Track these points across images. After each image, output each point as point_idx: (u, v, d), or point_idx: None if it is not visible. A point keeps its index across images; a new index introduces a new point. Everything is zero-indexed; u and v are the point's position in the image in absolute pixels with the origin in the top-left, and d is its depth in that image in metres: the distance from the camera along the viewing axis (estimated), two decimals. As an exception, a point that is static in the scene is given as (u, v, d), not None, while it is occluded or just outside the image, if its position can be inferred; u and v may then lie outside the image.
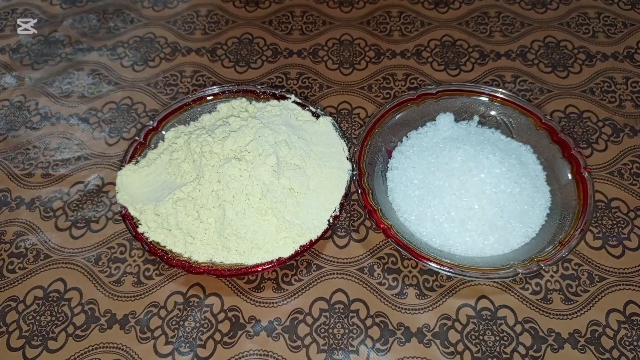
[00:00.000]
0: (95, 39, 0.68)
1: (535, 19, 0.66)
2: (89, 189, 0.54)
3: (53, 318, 0.46)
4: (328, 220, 0.45)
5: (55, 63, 0.65)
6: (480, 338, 0.44)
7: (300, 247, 0.43)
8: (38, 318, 0.46)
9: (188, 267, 0.42)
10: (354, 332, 0.44)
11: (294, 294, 0.46)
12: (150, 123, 0.52)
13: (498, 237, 0.45)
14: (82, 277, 0.48)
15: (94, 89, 0.62)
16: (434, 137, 0.52)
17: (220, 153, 0.46)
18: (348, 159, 0.49)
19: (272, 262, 0.43)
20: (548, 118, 0.50)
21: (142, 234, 0.44)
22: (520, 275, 0.41)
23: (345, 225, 0.51)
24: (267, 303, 0.46)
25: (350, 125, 0.57)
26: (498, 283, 0.46)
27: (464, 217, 0.45)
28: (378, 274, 0.47)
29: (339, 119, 0.58)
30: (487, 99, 0.52)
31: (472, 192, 0.45)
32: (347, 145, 0.50)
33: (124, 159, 0.49)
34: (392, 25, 0.67)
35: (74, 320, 0.46)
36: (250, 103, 0.53)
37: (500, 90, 0.52)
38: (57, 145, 0.57)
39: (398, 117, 0.52)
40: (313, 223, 0.45)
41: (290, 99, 0.53)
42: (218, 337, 0.44)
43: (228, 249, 0.43)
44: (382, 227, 0.44)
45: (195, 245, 0.44)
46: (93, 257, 0.49)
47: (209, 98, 0.54)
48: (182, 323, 0.45)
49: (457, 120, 0.53)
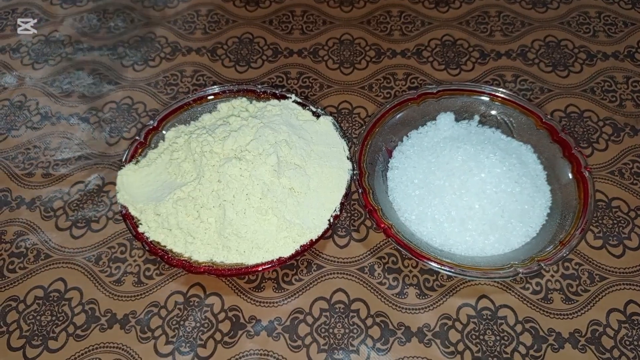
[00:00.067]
0: (96, 39, 0.68)
1: (536, 19, 0.66)
2: (90, 189, 0.54)
3: (53, 318, 0.46)
4: (328, 220, 0.45)
5: (56, 63, 0.65)
6: (481, 338, 0.44)
7: (301, 246, 0.43)
8: (38, 318, 0.46)
9: (188, 266, 0.42)
10: (355, 331, 0.44)
11: (295, 294, 0.46)
12: (151, 123, 0.52)
13: (498, 236, 0.45)
14: (82, 276, 0.48)
15: (95, 89, 0.62)
16: (435, 136, 0.52)
17: (221, 153, 0.46)
18: (348, 159, 0.49)
19: (272, 261, 0.43)
20: (549, 117, 0.50)
21: (142, 234, 0.44)
22: (521, 275, 0.41)
23: (346, 225, 0.51)
24: (267, 303, 0.46)
25: (351, 125, 0.57)
26: (498, 283, 0.46)
27: (465, 216, 0.45)
28: (378, 274, 0.47)
29: (340, 119, 0.58)
30: (487, 99, 0.52)
31: (472, 191, 0.45)
32: (347, 145, 0.50)
33: (125, 159, 0.49)
34: (392, 25, 0.67)
35: (75, 320, 0.46)
36: (251, 103, 0.53)
37: (501, 90, 0.52)
38: (57, 145, 0.57)
39: (398, 116, 0.52)
40: (313, 223, 0.45)
41: (291, 99, 0.53)
42: (218, 336, 0.44)
43: (228, 249, 0.43)
44: (382, 226, 0.44)
45: (196, 245, 0.44)
46: (93, 256, 0.49)
47: (210, 98, 0.54)
48: (182, 323, 0.45)
49: (457, 120, 0.53)
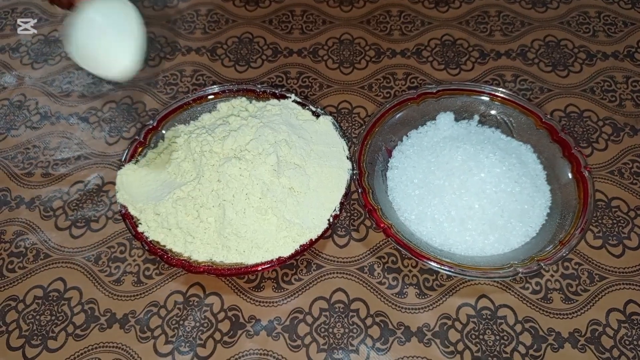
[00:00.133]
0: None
1: (536, 18, 0.66)
2: (89, 189, 0.54)
3: (53, 317, 0.46)
4: (328, 220, 0.45)
5: (55, 62, 0.65)
6: (481, 337, 0.44)
7: (300, 246, 0.43)
8: (38, 317, 0.46)
9: (188, 266, 0.42)
10: (354, 331, 0.44)
11: (294, 294, 0.46)
12: (150, 122, 0.52)
13: (498, 236, 0.45)
14: (82, 276, 0.48)
15: (94, 88, 0.62)
16: (434, 136, 0.52)
17: (220, 152, 0.46)
18: (348, 158, 0.49)
19: (272, 261, 0.43)
20: (548, 117, 0.50)
21: (142, 234, 0.44)
22: (521, 275, 0.41)
23: (346, 225, 0.51)
24: (267, 302, 0.46)
25: (351, 125, 0.57)
26: (498, 282, 0.46)
27: (464, 216, 0.45)
28: (378, 274, 0.47)
29: (339, 118, 0.58)
30: (487, 98, 0.52)
31: (472, 191, 0.45)
32: (347, 145, 0.50)
33: (124, 159, 0.49)
34: (392, 25, 0.67)
35: (74, 320, 0.46)
36: (251, 102, 0.53)
37: (501, 90, 0.52)
38: (57, 145, 0.57)
39: (398, 116, 0.52)
40: (313, 222, 0.45)
41: (291, 98, 0.53)
42: (218, 336, 0.44)
43: (228, 249, 0.43)
44: (382, 226, 0.44)
45: (195, 245, 0.44)
46: (93, 256, 0.49)
47: (209, 97, 0.54)
48: (182, 322, 0.45)
49: (457, 120, 0.53)
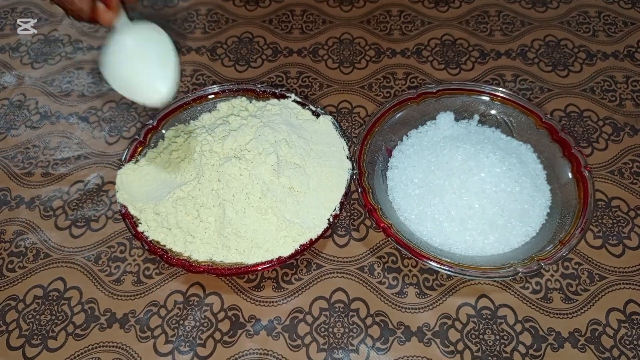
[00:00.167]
0: (95, 38, 0.67)
1: (536, 18, 0.66)
2: (89, 188, 0.54)
3: (53, 317, 0.46)
4: (328, 219, 0.45)
5: (55, 62, 0.65)
6: (481, 337, 0.44)
7: (300, 246, 0.43)
8: (38, 317, 0.46)
9: (188, 266, 0.42)
10: (354, 331, 0.44)
11: (294, 293, 0.46)
12: (150, 122, 0.52)
13: (498, 236, 0.45)
14: (82, 276, 0.48)
15: (94, 88, 0.62)
16: (434, 136, 0.52)
17: (220, 152, 0.46)
18: (348, 158, 0.49)
19: (272, 261, 0.43)
20: (548, 117, 0.50)
21: (142, 233, 0.44)
22: (521, 274, 0.41)
23: (346, 224, 0.51)
24: (267, 302, 0.46)
25: (351, 124, 0.57)
26: (498, 282, 0.46)
27: (464, 216, 0.45)
28: (378, 273, 0.47)
29: (339, 118, 0.58)
30: (487, 98, 0.52)
31: (472, 191, 0.45)
32: (347, 144, 0.50)
33: (124, 158, 0.49)
34: (392, 24, 0.67)
35: (74, 319, 0.45)
36: (250, 102, 0.53)
37: (501, 89, 0.52)
38: (56, 144, 0.57)
39: (398, 116, 0.52)
40: (313, 222, 0.45)
41: (291, 98, 0.53)
42: (218, 336, 0.44)
43: (228, 248, 0.43)
44: (382, 226, 0.44)
45: (195, 244, 0.44)
46: (93, 256, 0.49)
47: (209, 97, 0.54)
48: (182, 322, 0.45)
49: (457, 119, 0.53)
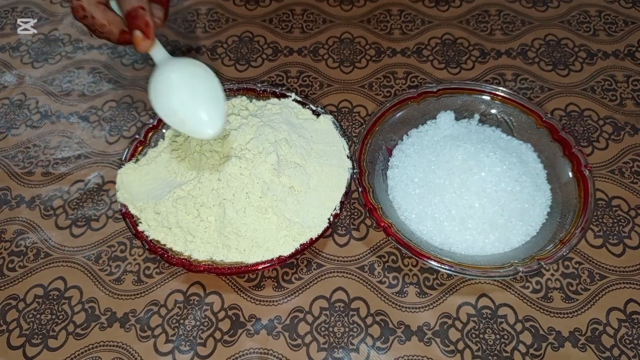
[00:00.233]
0: (95, 38, 0.67)
1: (536, 17, 0.66)
2: (89, 188, 0.54)
3: (53, 316, 0.46)
4: (328, 219, 0.45)
5: (55, 61, 0.65)
6: (481, 336, 0.44)
7: (301, 245, 0.43)
8: (38, 316, 0.46)
9: (188, 265, 0.42)
10: (355, 330, 0.44)
11: (294, 293, 0.46)
12: (151, 121, 0.52)
13: (498, 235, 0.45)
14: (82, 275, 0.48)
15: (94, 87, 0.62)
16: (435, 135, 0.52)
17: (221, 151, 0.46)
18: (348, 158, 0.49)
19: (272, 260, 0.43)
20: (549, 116, 0.50)
21: (142, 233, 0.44)
22: (521, 274, 0.41)
23: (346, 224, 0.51)
24: (267, 301, 0.46)
25: (351, 124, 0.57)
26: (498, 281, 0.46)
27: (465, 215, 0.45)
28: (378, 273, 0.47)
29: (340, 117, 0.58)
30: (487, 98, 0.52)
31: (472, 190, 0.45)
32: (347, 144, 0.50)
33: (124, 158, 0.49)
34: (392, 24, 0.66)
35: (74, 319, 0.46)
36: (251, 101, 0.53)
37: (501, 89, 0.52)
38: (57, 144, 0.57)
39: (399, 115, 0.52)
40: (313, 221, 0.45)
41: (291, 97, 0.53)
42: (218, 335, 0.44)
43: (228, 248, 0.43)
44: (382, 225, 0.44)
45: (196, 244, 0.44)
46: (93, 255, 0.49)
47: (209, 96, 0.54)
48: (182, 321, 0.45)
49: (457, 119, 0.53)
